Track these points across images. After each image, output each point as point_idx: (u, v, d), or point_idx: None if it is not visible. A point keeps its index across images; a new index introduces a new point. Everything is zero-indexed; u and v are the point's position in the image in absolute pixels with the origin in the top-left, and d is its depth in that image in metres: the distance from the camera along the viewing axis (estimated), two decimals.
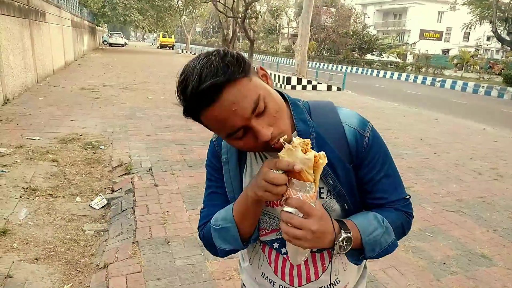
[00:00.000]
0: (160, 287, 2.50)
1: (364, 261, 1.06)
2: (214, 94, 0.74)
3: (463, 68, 28.16)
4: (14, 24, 9.01)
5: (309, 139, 0.79)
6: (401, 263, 2.94)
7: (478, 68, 27.49)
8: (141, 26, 35.43)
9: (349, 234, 0.84)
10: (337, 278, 1.00)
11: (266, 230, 0.98)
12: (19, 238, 3.09)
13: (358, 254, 0.91)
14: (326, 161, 0.78)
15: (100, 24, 41.45)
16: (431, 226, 3.60)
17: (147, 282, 2.54)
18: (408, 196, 0.99)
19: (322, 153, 0.77)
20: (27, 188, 3.97)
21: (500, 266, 2.99)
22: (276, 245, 0.98)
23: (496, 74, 25.83)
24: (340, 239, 0.83)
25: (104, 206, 3.81)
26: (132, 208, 3.63)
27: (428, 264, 2.96)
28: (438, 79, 22.78)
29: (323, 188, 0.92)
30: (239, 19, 24.99)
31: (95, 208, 3.76)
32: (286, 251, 0.94)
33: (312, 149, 0.78)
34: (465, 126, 9.12)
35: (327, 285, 0.99)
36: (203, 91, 0.74)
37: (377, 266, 2.87)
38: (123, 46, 43.86)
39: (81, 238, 3.24)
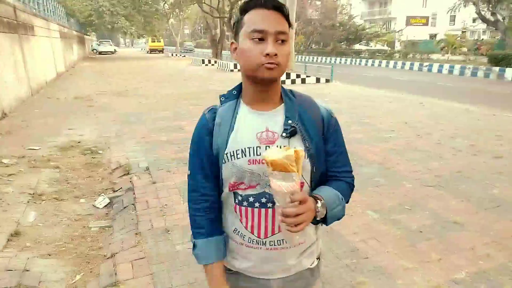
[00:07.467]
0: (163, 268, 2.79)
1: (321, 228, 1.36)
2: (275, 4, 1.09)
3: (449, 51, 28.51)
4: (4, 40, 9.22)
5: (288, 146, 1.09)
6: (380, 234, 3.24)
7: (466, 50, 27.84)
8: (129, 32, 35.50)
9: (322, 201, 1.15)
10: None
11: (245, 185, 1.20)
12: (31, 238, 3.37)
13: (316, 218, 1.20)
14: (304, 154, 1.04)
15: (88, 33, 41.52)
16: (409, 201, 3.91)
17: (151, 266, 2.83)
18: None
19: (300, 148, 1.05)
20: (33, 193, 4.24)
21: (470, 231, 3.30)
22: (251, 199, 1.20)
23: (483, 55, 26.19)
24: (318, 208, 1.13)
25: (107, 205, 4.09)
26: (133, 204, 3.91)
27: (405, 233, 3.26)
28: (425, 64, 23.13)
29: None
30: (226, 19, 25.18)
31: (98, 207, 4.04)
32: (259, 205, 1.20)
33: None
34: (449, 108, 9.44)
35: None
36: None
37: (358, 238, 3.17)
38: (112, 54, 43.95)
39: (87, 234, 3.52)
